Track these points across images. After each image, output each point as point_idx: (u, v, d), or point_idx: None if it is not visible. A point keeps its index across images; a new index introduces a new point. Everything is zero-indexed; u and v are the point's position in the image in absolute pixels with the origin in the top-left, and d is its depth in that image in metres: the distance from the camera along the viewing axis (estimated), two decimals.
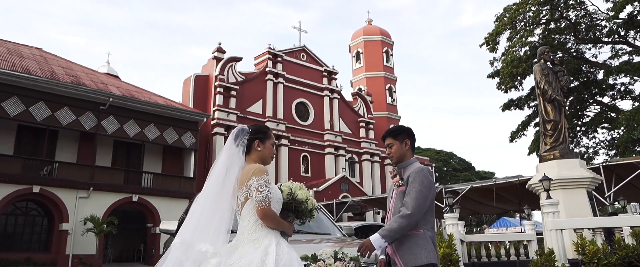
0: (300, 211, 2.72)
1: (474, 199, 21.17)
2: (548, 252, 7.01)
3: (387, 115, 38.82)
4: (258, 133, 2.76)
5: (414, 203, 2.73)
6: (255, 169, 2.56)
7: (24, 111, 19.08)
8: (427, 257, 2.71)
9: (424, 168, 2.90)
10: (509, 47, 24.23)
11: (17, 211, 19.58)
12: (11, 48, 22.85)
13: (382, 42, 40.30)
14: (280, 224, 2.57)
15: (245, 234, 2.51)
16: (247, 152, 2.71)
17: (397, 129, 3.14)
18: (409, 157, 3.06)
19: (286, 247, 2.48)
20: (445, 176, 56.88)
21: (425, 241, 2.75)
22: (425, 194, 2.76)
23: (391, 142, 3.07)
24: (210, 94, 28.88)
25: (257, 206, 2.48)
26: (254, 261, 2.35)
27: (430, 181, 2.84)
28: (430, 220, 2.86)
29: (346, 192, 29.56)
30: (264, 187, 2.49)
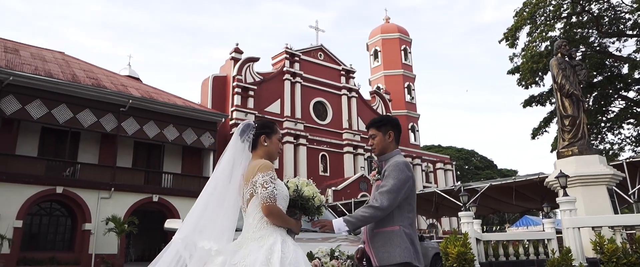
0: (306, 208, 2.65)
1: (495, 198, 20.83)
2: (565, 251, 6.83)
3: (406, 113, 38.57)
4: (264, 128, 2.70)
5: (384, 197, 2.59)
6: (260, 164, 2.50)
7: (46, 114, 19.49)
8: (401, 256, 2.56)
9: (401, 162, 2.75)
10: (529, 43, 23.74)
11: (41, 212, 20.01)
12: (34, 52, 23.39)
13: (400, 39, 40.02)
14: (286, 222, 2.50)
15: (250, 232, 2.45)
16: (254, 147, 2.66)
17: (381, 119, 3.00)
18: (391, 149, 2.91)
19: (292, 245, 2.41)
20: (466, 175, 56.20)
21: (400, 238, 2.61)
22: (398, 188, 2.62)
23: (374, 133, 2.93)
24: (228, 94, 29.10)
25: (262, 202, 2.42)
26: (258, 259, 2.29)
27: (406, 176, 2.69)
28: (408, 216, 2.72)
29: (365, 191, 29.48)
30: (270, 183, 2.43)
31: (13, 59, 20.60)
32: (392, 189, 2.61)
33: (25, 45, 24.30)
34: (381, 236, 2.64)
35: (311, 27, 35.49)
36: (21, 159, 19.21)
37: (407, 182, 2.67)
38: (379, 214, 2.58)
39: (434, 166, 38.74)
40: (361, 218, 2.59)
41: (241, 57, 29.87)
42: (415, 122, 39.70)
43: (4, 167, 18.41)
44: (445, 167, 39.34)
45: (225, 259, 2.38)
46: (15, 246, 17.77)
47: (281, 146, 2.80)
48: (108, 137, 21.70)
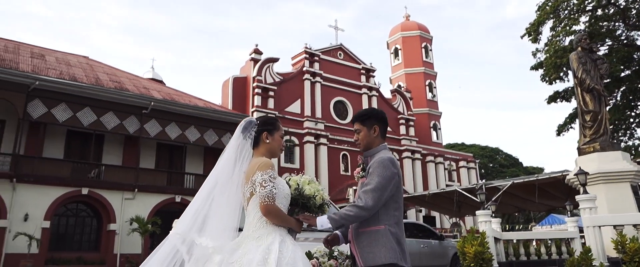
0: (308, 207, 2.61)
1: (519, 196, 20.46)
2: (585, 250, 6.64)
3: (428, 111, 38.22)
4: (266, 125, 2.67)
5: (368, 196, 2.49)
6: (260, 163, 2.49)
7: (71, 117, 19.93)
8: (386, 256, 2.47)
9: (386, 158, 2.63)
10: (552, 37, 23.23)
11: (68, 212, 20.49)
12: (60, 57, 23.97)
13: (421, 37, 39.66)
14: (286, 221, 2.47)
15: (249, 231, 2.44)
16: (255, 144, 2.64)
17: (366, 113, 2.87)
18: (377, 144, 2.81)
19: (291, 245, 2.39)
20: (491, 173, 55.38)
21: (386, 238, 2.51)
22: (383, 186, 2.52)
23: (359, 128, 2.82)
24: (249, 95, 29.31)
25: (260, 202, 2.39)
26: (255, 259, 2.28)
27: (391, 172, 2.57)
28: (394, 215, 2.62)
29: None
30: (268, 182, 2.40)
31: (39, 64, 21.15)
32: (376, 188, 2.51)
33: (51, 51, 24.92)
34: (366, 235, 2.56)
35: (330, 27, 35.50)
36: (48, 162, 19.72)
37: (392, 180, 2.57)
38: (363, 213, 2.49)
39: (456, 164, 38.27)
40: (345, 217, 2.49)
41: (261, 58, 30.05)
42: (437, 120, 39.28)
43: (31, 169, 18.93)
44: (469, 165, 38.82)
45: (223, 257, 2.37)
46: (43, 246, 18.24)
47: (284, 142, 2.74)
48: (131, 139, 22.09)
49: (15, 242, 17.44)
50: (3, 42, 23.40)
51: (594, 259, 6.61)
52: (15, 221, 18.14)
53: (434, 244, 12.05)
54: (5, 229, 17.87)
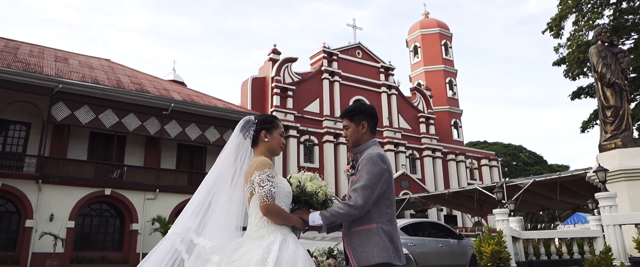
0: (311, 204, 2.58)
1: (541, 194, 20.05)
2: (605, 249, 6.46)
3: (448, 109, 37.82)
4: (264, 123, 2.65)
5: (358, 194, 2.44)
6: (258, 162, 2.47)
7: (94, 119, 20.33)
8: (380, 256, 2.42)
9: (375, 154, 2.56)
10: (574, 32, 22.69)
11: (92, 213, 20.89)
12: (82, 60, 24.46)
13: (440, 34, 39.26)
14: (288, 220, 2.45)
15: (251, 231, 2.43)
16: (255, 143, 2.62)
17: (354, 108, 2.80)
18: (366, 140, 2.73)
19: (292, 244, 2.36)
20: (514, 171, 54.52)
21: (378, 236, 2.46)
22: (373, 183, 2.46)
23: (347, 124, 2.77)
24: (268, 95, 29.43)
25: (259, 202, 2.38)
26: (254, 258, 2.27)
27: (381, 169, 2.51)
28: (386, 212, 2.55)
29: (407, 189, 29.11)
30: (266, 181, 2.38)
31: (62, 68, 21.62)
32: (366, 185, 2.45)
33: (74, 54, 25.46)
34: (358, 234, 2.50)
35: (349, 25, 35.39)
36: (72, 163, 20.14)
37: (382, 176, 2.51)
38: (354, 212, 2.44)
39: (478, 163, 37.76)
40: (335, 215, 2.45)
41: (279, 58, 30.16)
42: (458, 118, 38.84)
43: (56, 170, 19.37)
44: (491, 163, 38.27)
45: (221, 257, 2.36)
46: (68, 246, 18.65)
47: (284, 140, 2.71)
48: (152, 140, 22.41)
49: (41, 241, 17.88)
50: (28, 46, 24.00)
51: (614, 258, 6.43)
52: (41, 221, 18.59)
53: (452, 243, 11.87)
54: (32, 228, 18.33)
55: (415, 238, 11.08)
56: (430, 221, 12.97)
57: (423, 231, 11.78)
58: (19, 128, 20.14)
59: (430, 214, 31.39)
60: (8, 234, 18.69)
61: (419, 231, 11.67)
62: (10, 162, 18.88)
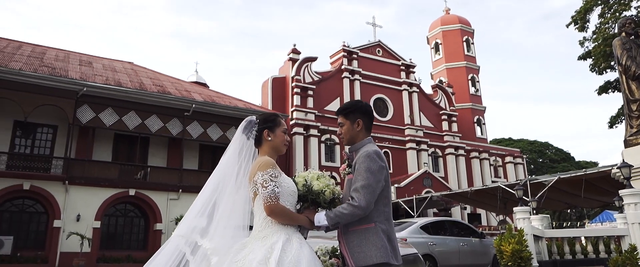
0: (318, 203, 2.55)
1: (568, 192, 19.52)
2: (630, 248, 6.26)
3: (471, 106, 37.32)
4: (266, 122, 2.63)
5: (360, 194, 2.39)
6: (260, 163, 2.45)
7: (118, 121, 20.72)
8: (378, 256, 2.37)
9: (372, 151, 2.51)
10: (600, 25, 22.07)
11: (117, 213, 21.30)
12: (106, 64, 24.95)
13: (462, 30, 38.75)
14: (294, 219, 2.43)
15: (256, 231, 2.42)
16: (258, 143, 2.61)
17: (349, 106, 2.73)
18: (361, 138, 2.67)
19: (296, 243, 2.34)
20: (541, 168, 53.47)
21: (376, 236, 2.41)
22: (375, 180, 2.42)
23: (342, 121, 2.70)
24: (288, 94, 29.50)
25: (263, 202, 2.36)
26: (256, 258, 2.26)
27: (379, 166, 2.46)
28: (384, 211, 2.51)
29: (429, 188, 28.81)
30: (269, 181, 2.37)
31: (86, 71, 22.09)
32: (367, 184, 2.40)
33: (98, 58, 25.99)
34: (356, 234, 2.46)
35: (368, 24, 35.21)
36: (97, 164, 20.57)
37: (381, 173, 2.46)
38: (358, 212, 2.39)
39: (502, 160, 37.15)
40: (339, 215, 2.40)
41: (299, 58, 30.19)
42: (481, 115, 38.27)
43: (82, 171, 19.81)
44: (515, 160, 37.58)
45: (220, 259, 2.36)
46: (94, 245, 19.06)
47: (288, 138, 2.69)
48: (174, 141, 22.73)
49: (68, 241, 18.31)
50: (54, 51, 24.59)
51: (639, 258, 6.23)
52: (68, 221, 19.05)
53: (474, 242, 11.73)
54: (60, 229, 18.80)
55: (435, 237, 10.99)
56: (452, 220, 12.84)
57: (444, 229, 11.67)
58: (46, 131, 20.67)
59: (453, 213, 31.01)
60: (37, 234, 19.20)
61: (440, 229, 11.56)
62: (38, 164, 19.39)
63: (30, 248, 18.59)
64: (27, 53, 22.36)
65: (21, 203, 19.16)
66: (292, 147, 27.82)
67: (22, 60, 20.56)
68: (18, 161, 19.00)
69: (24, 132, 20.27)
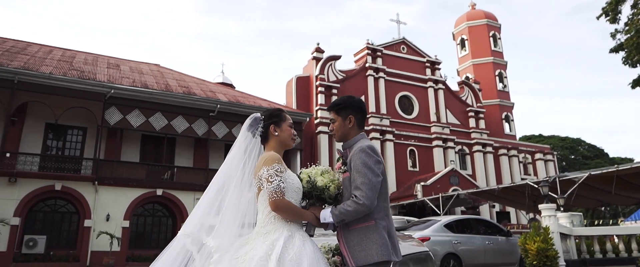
0: (323, 199, 2.51)
1: (600, 189, 18.91)
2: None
3: (499, 102, 36.62)
4: (271, 117, 2.62)
5: (362, 192, 2.33)
6: (265, 158, 2.44)
7: (144, 122, 21.11)
8: (379, 254, 2.32)
9: (366, 146, 2.45)
10: (633, 15, 21.28)
11: (145, 212, 21.71)
12: (133, 66, 25.45)
13: (488, 25, 38.02)
14: (299, 215, 2.41)
15: (259, 226, 2.40)
16: (265, 139, 2.60)
17: (341, 102, 2.66)
18: (353, 135, 2.61)
19: (299, 240, 2.31)
20: (573, 165, 52.11)
21: (377, 234, 2.36)
22: (373, 176, 2.37)
23: (334, 117, 2.65)
24: (312, 93, 29.48)
25: (268, 198, 2.34)
26: (257, 254, 2.24)
27: (375, 160, 2.41)
28: (383, 206, 2.45)
29: (456, 186, 28.34)
30: (275, 177, 2.35)
31: (114, 74, 22.58)
32: (367, 181, 2.35)
33: (125, 60, 26.54)
34: (356, 232, 2.40)
35: (392, 21, 34.89)
36: (125, 165, 21.00)
37: (379, 167, 2.41)
38: (362, 209, 2.33)
39: (532, 157, 36.28)
40: (344, 212, 2.35)
41: (322, 56, 30.16)
42: (510, 112, 37.48)
43: (111, 172, 20.26)
44: (546, 157, 36.67)
45: (222, 255, 2.35)
46: (124, 244, 19.48)
47: (294, 131, 2.66)
48: (200, 141, 23.02)
49: (98, 240, 18.75)
50: (83, 55, 25.22)
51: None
52: (98, 220, 19.51)
53: (500, 240, 11.45)
54: (90, 228, 19.27)
55: (460, 235, 10.79)
56: (477, 218, 12.58)
57: (469, 228, 11.44)
58: (76, 133, 21.22)
59: (482, 211, 30.47)
60: (69, 233, 19.74)
61: (465, 228, 11.35)
62: (69, 165, 19.91)
63: (63, 247, 19.14)
64: (58, 57, 22.99)
65: (53, 203, 19.73)
66: (317, 146, 27.81)
67: (52, 64, 21.15)
68: (50, 162, 19.58)
69: (55, 134, 20.87)
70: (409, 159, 31.07)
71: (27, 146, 19.82)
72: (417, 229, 10.78)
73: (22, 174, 18.57)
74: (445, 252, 10.10)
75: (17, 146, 19.52)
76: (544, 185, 9.97)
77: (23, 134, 19.92)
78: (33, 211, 19.24)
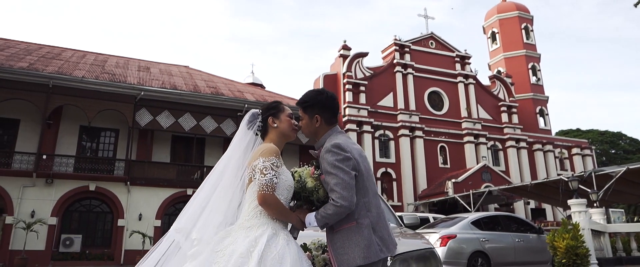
0: (311, 202, 2.38)
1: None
2: None
3: (532, 96, 35.61)
4: (269, 110, 2.54)
5: (337, 192, 2.21)
6: (264, 149, 2.33)
7: (174, 123, 21.47)
8: (361, 257, 2.20)
9: (330, 146, 2.30)
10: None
11: (176, 212, 21.77)
12: (163, 68, 25.93)
13: (520, 17, 37.00)
14: (284, 215, 2.30)
15: (242, 220, 2.29)
16: (265, 133, 2.51)
17: (307, 99, 2.49)
18: (322, 134, 2.46)
19: (283, 240, 2.21)
20: (613, 159, 50.26)
21: (359, 235, 2.24)
22: (343, 174, 2.22)
23: (301, 115, 2.51)
24: (340, 91, 29.34)
25: (257, 190, 2.23)
26: (237, 250, 2.13)
27: (342, 158, 2.26)
28: (364, 202, 2.31)
29: (488, 182, 27.69)
30: (270, 170, 2.25)
31: (144, 76, 23.05)
32: (339, 181, 2.22)
33: (155, 63, 27.07)
34: (339, 235, 2.29)
35: (420, 16, 34.40)
36: (156, 165, 21.42)
37: (347, 163, 2.26)
38: (341, 210, 2.21)
39: (569, 152, 35.12)
40: (325, 216, 2.24)
41: (349, 54, 29.98)
42: (544, 106, 36.38)
43: (142, 172, 20.69)
44: (583, 152, 35.42)
45: (201, 247, 2.26)
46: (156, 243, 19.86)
47: (295, 122, 2.53)
48: (229, 141, 22.99)
49: (131, 239, 19.20)
50: (115, 58, 25.85)
51: None
52: (131, 220, 19.97)
53: (531, 238, 11.06)
54: (124, 227, 19.73)
55: (487, 233, 10.48)
56: (506, 214, 12.19)
57: (498, 225, 11.11)
58: (109, 134, 21.77)
59: (516, 208, 29.70)
60: (103, 232, 20.28)
61: (493, 225, 11.02)
62: (103, 166, 20.45)
63: (98, 246, 19.68)
64: (90, 61, 23.64)
65: (88, 203, 20.31)
66: None
67: (85, 68, 21.75)
68: (84, 164, 20.15)
69: (88, 137, 21.48)
70: (440, 156, 30.56)
71: (63, 148, 20.45)
72: (443, 226, 10.54)
73: (58, 175, 19.18)
74: (472, 250, 9.82)
75: (53, 148, 20.17)
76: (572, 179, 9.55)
77: (59, 137, 20.58)
78: (69, 211, 19.85)
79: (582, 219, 7.46)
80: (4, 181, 18.49)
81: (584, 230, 7.09)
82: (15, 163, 19.06)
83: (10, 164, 19.00)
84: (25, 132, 20.14)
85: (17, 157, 19.21)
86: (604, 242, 8.28)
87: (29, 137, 20.00)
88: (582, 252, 6.68)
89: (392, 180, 28.48)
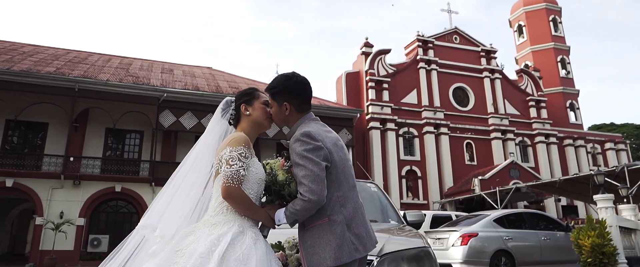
0: (283, 196, 2.19)
1: None
2: None
3: (562, 90, 34.60)
4: (242, 96, 2.35)
5: (304, 185, 2.03)
6: (232, 138, 2.17)
7: (197, 124, 21.65)
8: (333, 257, 2.01)
9: (300, 134, 2.12)
10: None
11: None
12: (186, 70, 26.19)
13: (547, 9, 35.99)
14: (252, 211, 2.10)
15: (208, 215, 2.12)
16: (237, 121, 2.35)
17: (275, 85, 2.29)
18: (294, 121, 2.27)
19: (250, 239, 2.02)
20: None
21: (330, 233, 2.05)
22: (313, 165, 2.03)
23: (270, 102, 2.32)
24: (362, 89, 29.11)
25: (222, 182, 2.04)
26: (198, 249, 1.95)
27: (312, 147, 2.06)
28: (336, 196, 2.11)
29: (517, 179, 27.00)
30: (236, 160, 2.05)
31: (167, 78, 23.33)
32: (307, 173, 2.03)
33: (179, 65, 27.38)
34: (310, 233, 2.10)
35: (443, 11, 33.85)
36: None
37: (317, 153, 2.06)
38: (310, 205, 2.02)
39: (602, 147, 33.97)
40: (294, 212, 2.07)
41: (371, 51, 29.70)
42: (575, 100, 35.29)
43: (167, 173, 20.72)
44: (617, 147, 34.23)
45: (161, 245, 2.11)
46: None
47: (270, 110, 2.35)
48: None
49: None
50: (139, 61, 26.25)
51: None
52: None
53: (558, 236, 10.65)
54: None
55: (511, 231, 10.15)
56: (532, 212, 11.81)
57: (522, 222, 10.76)
58: (133, 136, 22.12)
59: (546, 206, 28.90)
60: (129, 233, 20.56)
61: (518, 222, 10.68)
62: (128, 167, 20.79)
63: None
64: (115, 64, 24.06)
65: (115, 204, 20.67)
66: (369, 141, 27.41)
67: (110, 72, 22.15)
68: (110, 165, 20.52)
69: (114, 138, 21.86)
70: (466, 153, 30.00)
71: (89, 150, 20.86)
72: (465, 224, 10.26)
73: (86, 177, 19.58)
74: (495, 248, 9.52)
75: (81, 151, 20.59)
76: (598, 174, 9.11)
77: (85, 139, 21.00)
78: (96, 212, 20.23)
79: (609, 215, 7.09)
80: (34, 183, 18.98)
81: (611, 227, 6.72)
82: (45, 165, 19.54)
83: (40, 166, 19.49)
84: (54, 135, 20.62)
85: (46, 159, 19.69)
86: (635, 240, 7.88)
87: (57, 140, 20.47)
88: (609, 250, 6.34)
89: (417, 178, 28.07)
